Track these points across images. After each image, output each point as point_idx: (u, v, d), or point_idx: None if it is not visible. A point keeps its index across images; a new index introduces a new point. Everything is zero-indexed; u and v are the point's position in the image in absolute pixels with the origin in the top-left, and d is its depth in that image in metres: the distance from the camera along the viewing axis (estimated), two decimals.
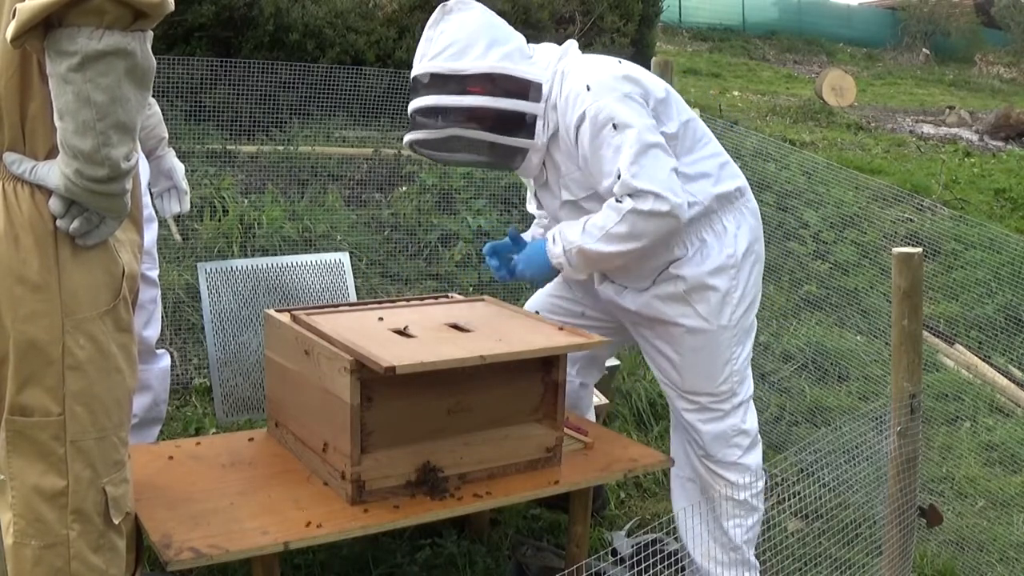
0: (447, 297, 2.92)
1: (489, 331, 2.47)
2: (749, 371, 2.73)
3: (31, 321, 1.62)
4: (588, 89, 2.49)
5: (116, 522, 1.76)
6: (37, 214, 1.62)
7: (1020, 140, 10.75)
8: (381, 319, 2.53)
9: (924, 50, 20.63)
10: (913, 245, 3.55)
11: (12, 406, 1.63)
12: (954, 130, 11.38)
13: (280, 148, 5.51)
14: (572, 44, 2.71)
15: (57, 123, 1.54)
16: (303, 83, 5.57)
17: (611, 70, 2.56)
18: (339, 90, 5.63)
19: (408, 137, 2.59)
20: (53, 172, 1.60)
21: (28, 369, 1.63)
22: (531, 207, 2.97)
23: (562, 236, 2.55)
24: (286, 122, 5.75)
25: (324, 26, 6.14)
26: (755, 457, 2.71)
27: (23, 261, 1.61)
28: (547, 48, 2.67)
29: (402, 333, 2.42)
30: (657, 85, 2.61)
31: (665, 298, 2.62)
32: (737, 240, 2.63)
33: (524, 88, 2.52)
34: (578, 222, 2.54)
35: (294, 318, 2.53)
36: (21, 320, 1.61)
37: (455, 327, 2.50)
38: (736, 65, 16.06)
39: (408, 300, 2.87)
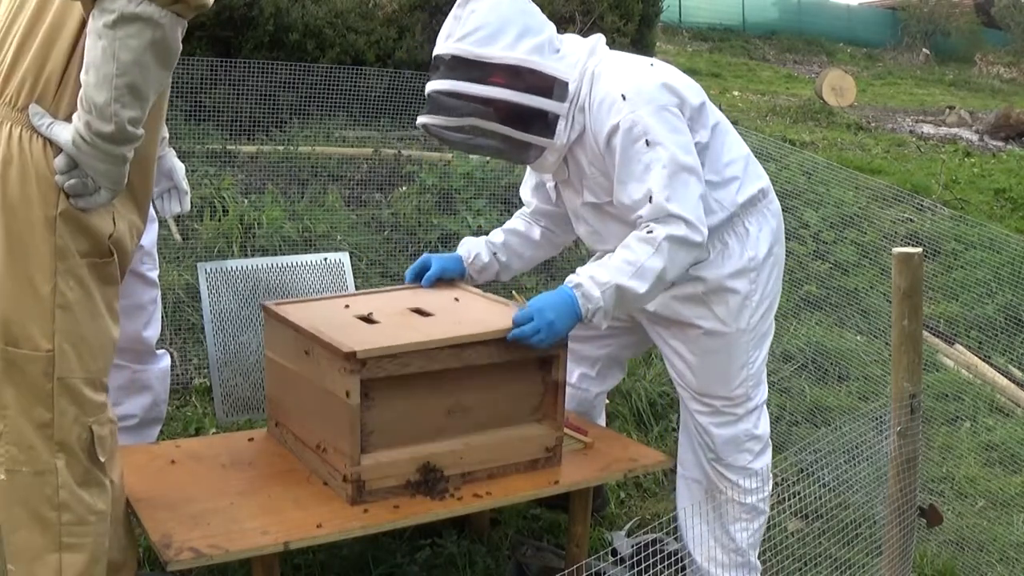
0: None
1: (449, 315, 2.51)
2: (764, 375, 2.69)
3: (26, 258, 1.73)
4: (624, 99, 2.38)
5: (102, 460, 1.85)
6: (45, 163, 1.73)
7: (1020, 140, 10.74)
8: (347, 307, 2.57)
9: (924, 50, 20.62)
10: (913, 245, 3.55)
11: (4, 336, 1.74)
12: (954, 130, 11.37)
13: (280, 148, 5.51)
14: (600, 40, 2.59)
15: (82, 77, 1.67)
16: (303, 83, 5.57)
17: (648, 78, 2.45)
18: (339, 90, 5.63)
19: (422, 119, 2.45)
20: (66, 130, 1.72)
21: (22, 302, 1.73)
22: (525, 193, 2.88)
23: (593, 279, 2.35)
24: (286, 122, 5.74)
25: (324, 26, 6.14)
26: (764, 461, 2.69)
27: (27, 202, 1.72)
28: (575, 41, 2.54)
29: (366, 319, 2.46)
30: (693, 92, 2.52)
31: (683, 299, 2.56)
32: (759, 243, 2.59)
33: (550, 85, 2.40)
34: (602, 262, 2.40)
35: (264, 308, 2.59)
36: (17, 256, 1.72)
37: (418, 312, 2.53)
38: (736, 65, 16.06)
39: (380, 289, 2.90)
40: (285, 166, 5.39)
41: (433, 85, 2.42)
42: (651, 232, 2.34)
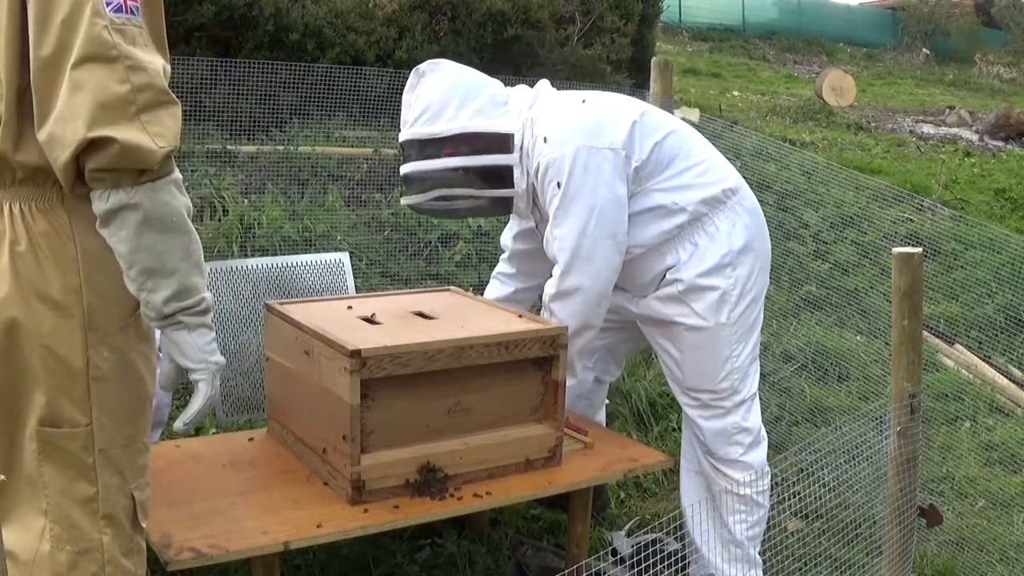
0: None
1: (452, 318, 2.55)
2: (755, 368, 2.73)
3: (55, 337, 1.64)
4: (545, 141, 2.57)
5: (144, 525, 1.79)
6: (55, 232, 1.63)
7: (1020, 140, 10.74)
8: (350, 308, 2.61)
9: (924, 50, 20.62)
10: (913, 245, 3.55)
11: (43, 418, 1.67)
12: (954, 130, 11.37)
13: (280, 148, 5.51)
14: (544, 85, 2.78)
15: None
16: (303, 83, 5.57)
17: (572, 118, 2.61)
18: (339, 90, 5.63)
19: (403, 200, 2.73)
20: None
21: (55, 382, 1.66)
22: (506, 239, 3.04)
23: None
24: (286, 122, 5.74)
25: (324, 26, 6.14)
26: (758, 455, 2.72)
27: (44, 279, 1.63)
28: (521, 92, 2.74)
29: (369, 320, 2.49)
30: (619, 125, 2.58)
31: (664, 299, 2.66)
32: (731, 239, 2.64)
33: (496, 141, 2.61)
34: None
35: (267, 307, 2.60)
36: (45, 336, 1.64)
37: (420, 315, 2.57)
38: (736, 65, 16.06)
39: (383, 293, 2.94)
40: (285, 166, 5.39)
41: (403, 170, 2.68)
42: (542, 297, 2.67)
